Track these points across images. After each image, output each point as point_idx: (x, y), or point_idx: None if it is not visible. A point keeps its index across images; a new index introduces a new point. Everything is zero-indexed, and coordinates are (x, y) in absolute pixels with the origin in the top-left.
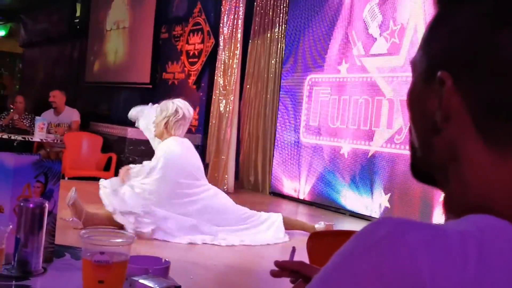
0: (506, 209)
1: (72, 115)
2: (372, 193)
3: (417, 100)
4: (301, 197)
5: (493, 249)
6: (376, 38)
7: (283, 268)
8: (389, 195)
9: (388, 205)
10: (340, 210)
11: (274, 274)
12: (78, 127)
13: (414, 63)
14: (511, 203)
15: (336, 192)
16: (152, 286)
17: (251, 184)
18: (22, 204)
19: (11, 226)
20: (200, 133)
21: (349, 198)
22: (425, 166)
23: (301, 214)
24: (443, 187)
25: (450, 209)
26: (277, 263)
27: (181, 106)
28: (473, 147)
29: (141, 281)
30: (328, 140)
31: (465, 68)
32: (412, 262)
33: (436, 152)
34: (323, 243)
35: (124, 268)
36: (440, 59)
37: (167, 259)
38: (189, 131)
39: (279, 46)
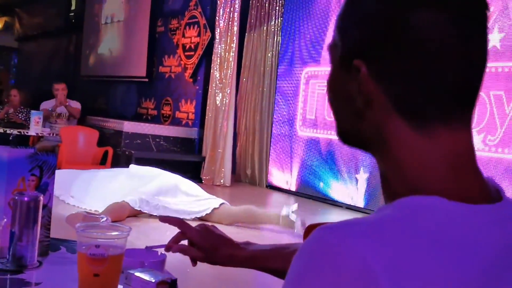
0: (439, 184)
1: (74, 105)
2: (365, 186)
3: (337, 86)
4: (298, 190)
5: (432, 227)
6: None
7: (176, 243)
8: None
9: None
10: (338, 203)
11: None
12: (79, 114)
13: (331, 49)
14: (443, 177)
15: (333, 186)
16: (148, 279)
17: (248, 178)
18: (16, 197)
19: (5, 220)
20: (197, 126)
21: (346, 191)
22: (355, 143)
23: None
24: (378, 164)
25: (386, 190)
26: (167, 247)
27: None
28: (397, 129)
29: (137, 274)
30: (325, 133)
31: (377, 53)
32: (363, 261)
33: (363, 136)
34: None
35: (120, 261)
36: (354, 46)
37: (163, 252)
38: (185, 124)
39: (275, 39)
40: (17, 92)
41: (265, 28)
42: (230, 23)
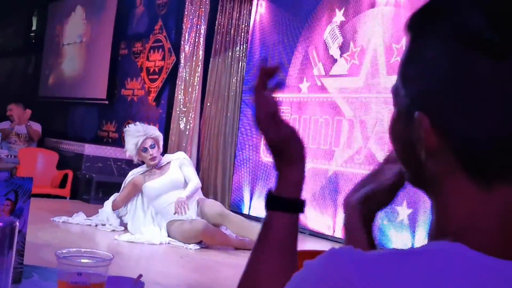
0: (484, 236)
1: (33, 125)
2: (333, 213)
3: (399, 133)
4: (261, 215)
5: (434, 272)
6: (336, 59)
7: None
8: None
9: None
10: (301, 230)
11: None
12: (38, 137)
13: (395, 94)
14: (493, 234)
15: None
16: None
17: None
18: None
19: None
20: None
21: (309, 218)
22: (419, 184)
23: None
24: (432, 208)
25: (430, 236)
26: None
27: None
28: (457, 181)
29: None
30: None
31: (441, 106)
32: (347, 280)
33: (423, 181)
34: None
35: None
36: (417, 98)
37: (141, 280)
38: None
39: (240, 64)
40: None
41: (230, 53)
42: (195, 47)
